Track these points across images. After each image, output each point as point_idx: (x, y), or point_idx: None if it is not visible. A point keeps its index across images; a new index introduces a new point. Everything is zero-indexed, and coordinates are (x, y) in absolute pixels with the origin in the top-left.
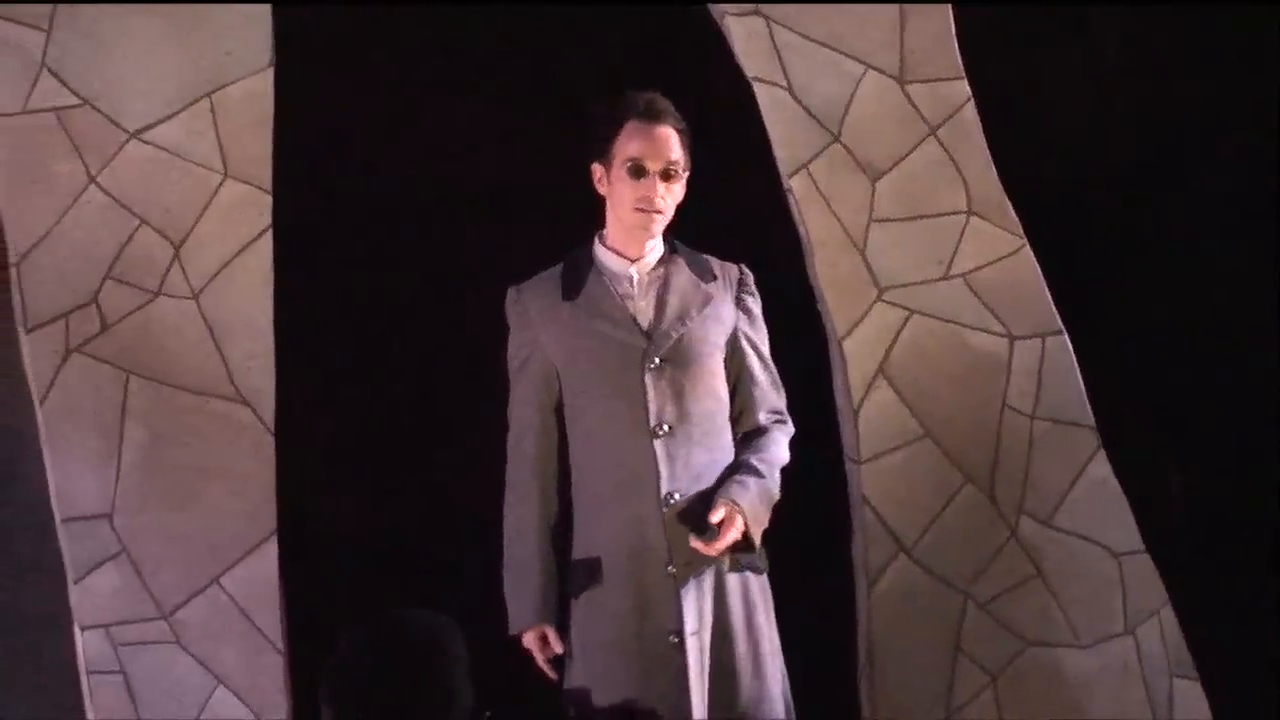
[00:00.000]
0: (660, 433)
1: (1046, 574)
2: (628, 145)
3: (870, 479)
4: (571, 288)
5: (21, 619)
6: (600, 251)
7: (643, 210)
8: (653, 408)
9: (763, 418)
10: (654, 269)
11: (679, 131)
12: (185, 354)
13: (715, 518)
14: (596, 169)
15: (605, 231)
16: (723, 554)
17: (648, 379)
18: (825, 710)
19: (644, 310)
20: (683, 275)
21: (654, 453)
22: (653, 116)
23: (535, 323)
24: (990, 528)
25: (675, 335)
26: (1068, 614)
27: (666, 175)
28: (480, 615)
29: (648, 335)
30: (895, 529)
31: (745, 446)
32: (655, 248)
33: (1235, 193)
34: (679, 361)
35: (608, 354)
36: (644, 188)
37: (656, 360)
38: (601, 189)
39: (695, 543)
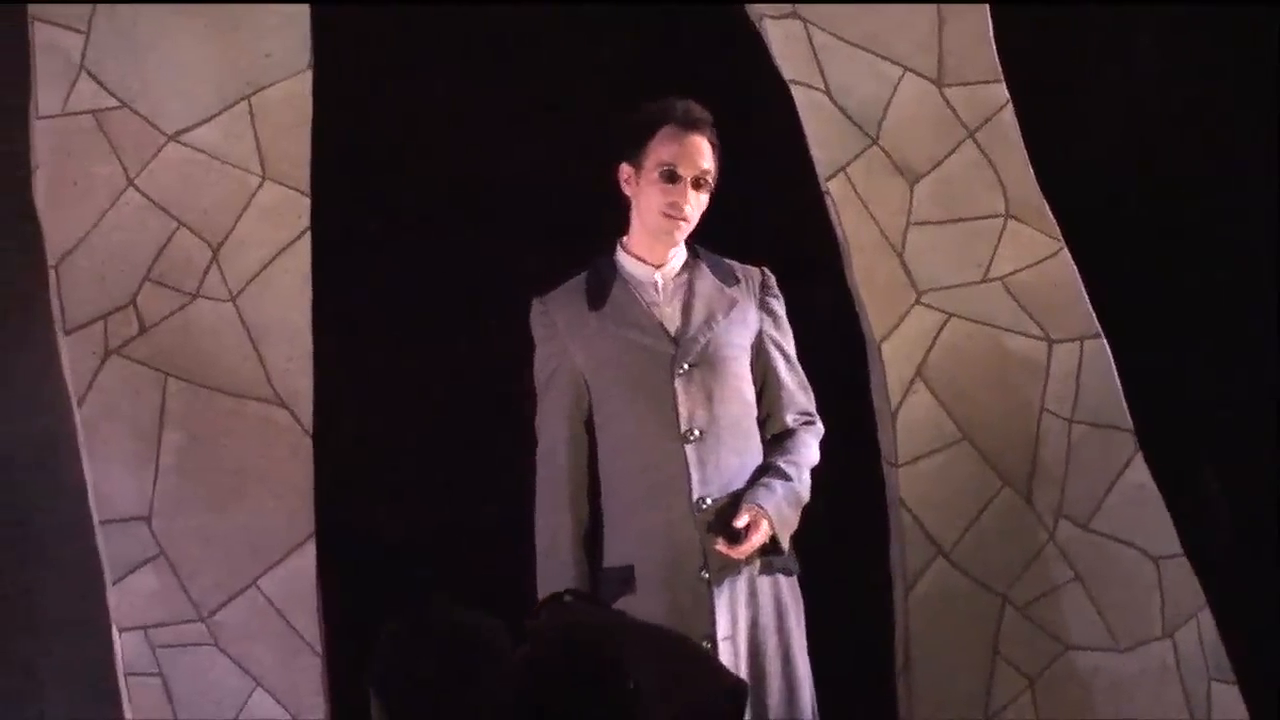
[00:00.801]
0: (691, 438)
1: (1084, 577)
2: (662, 150)
3: (908, 482)
4: (597, 297)
5: (60, 620)
6: (624, 259)
7: (670, 216)
8: (683, 413)
9: (790, 419)
10: (678, 275)
11: (712, 144)
12: (223, 356)
13: (740, 523)
14: (625, 169)
15: (627, 238)
16: (752, 557)
17: (677, 384)
18: (863, 713)
19: (670, 316)
20: (707, 280)
21: (685, 458)
22: (690, 124)
23: (563, 333)
24: (1028, 531)
25: (703, 340)
26: (1106, 617)
27: (697, 184)
28: (515, 620)
29: (675, 341)
30: (933, 532)
31: (774, 449)
32: (678, 253)
33: (1275, 195)
34: (707, 366)
35: (636, 361)
36: (674, 193)
37: (685, 365)
38: (628, 190)
39: (721, 547)
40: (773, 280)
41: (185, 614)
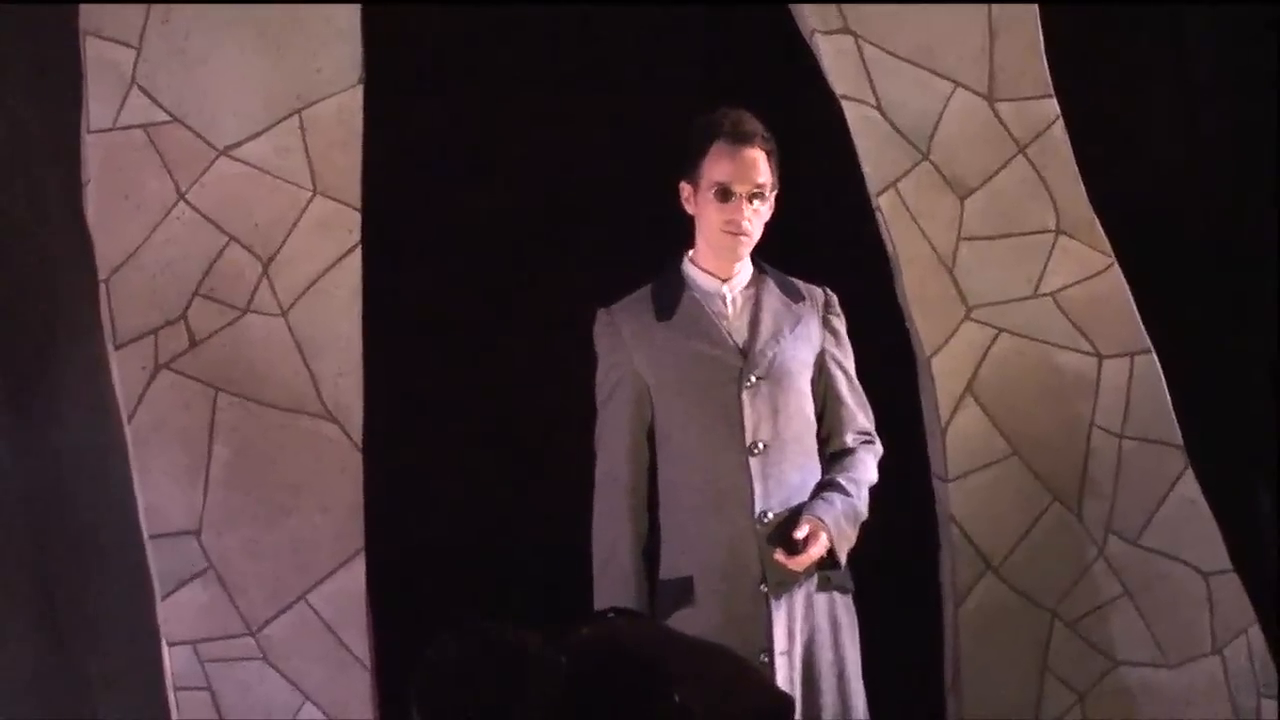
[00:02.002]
0: (755, 451)
1: (1134, 593)
2: (715, 168)
3: (958, 497)
4: (665, 308)
5: (111, 633)
6: (691, 271)
7: (730, 233)
8: (749, 426)
9: (850, 439)
10: (745, 288)
11: (767, 153)
12: (273, 371)
13: (800, 534)
14: (685, 188)
15: (694, 252)
16: (809, 572)
17: (745, 397)
18: None
19: (739, 329)
20: (773, 295)
21: (749, 471)
22: (740, 138)
23: (629, 343)
24: (1078, 546)
25: (770, 354)
26: (1155, 633)
27: (753, 197)
28: (561, 635)
29: (743, 353)
30: (983, 547)
31: (834, 466)
32: (745, 267)
33: None
34: (774, 380)
35: (705, 372)
36: (731, 210)
37: (753, 378)
38: (689, 208)
39: (779, 556)
40: (835, 300)
41: (234, 628)
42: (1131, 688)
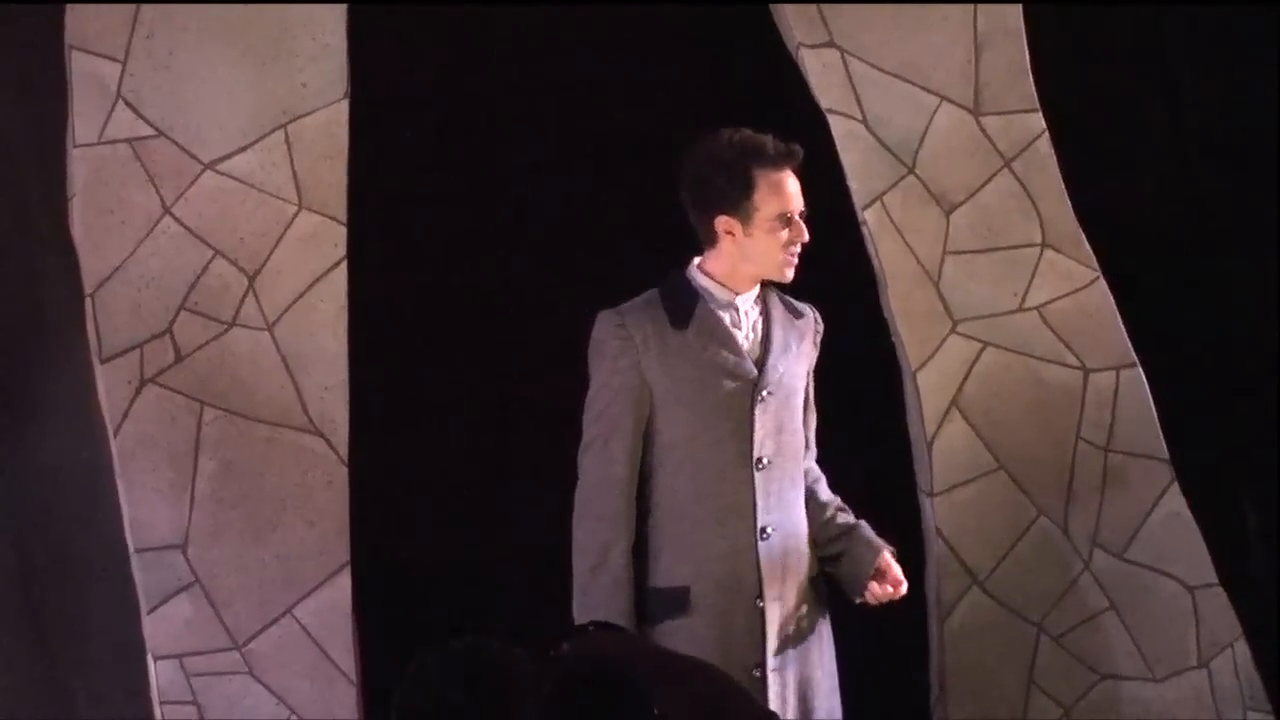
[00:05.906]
0: (760, 466)
1: (1120, 607)
2: (773, 199)
3: (943, 511)
4: (680, 315)
5: (97, 647)
6: (703, 281)
7: (795, 254)
8: (757, 439)
9: (813, 457)
10: (754, 302)
11: (796, 171)
12: (259, 385)
13: (898, 570)
14: (727, 221)
15: (704, 263)
16: (802, 590)
17: (756, 410)
18: None
19: (752, 342)
20: (779, 310)
21: (754, 485)
22: (785, 160)
23: (639, 348)
24: (1064, 560)
25: (780, 369)
26: (1141, 647)
27: (801, 214)
28: (544, 650)
29: (758, 367)
30: (968, 562)
31: (819, 489)
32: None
33: None
34: (780, 395)
35: (722, 383)
36: (796, 233)
37: (764, 393)
38: (729, 240)
39: (878, 589)
40: (819, 319)
41: (220, 642)
42: (1117, 701)
